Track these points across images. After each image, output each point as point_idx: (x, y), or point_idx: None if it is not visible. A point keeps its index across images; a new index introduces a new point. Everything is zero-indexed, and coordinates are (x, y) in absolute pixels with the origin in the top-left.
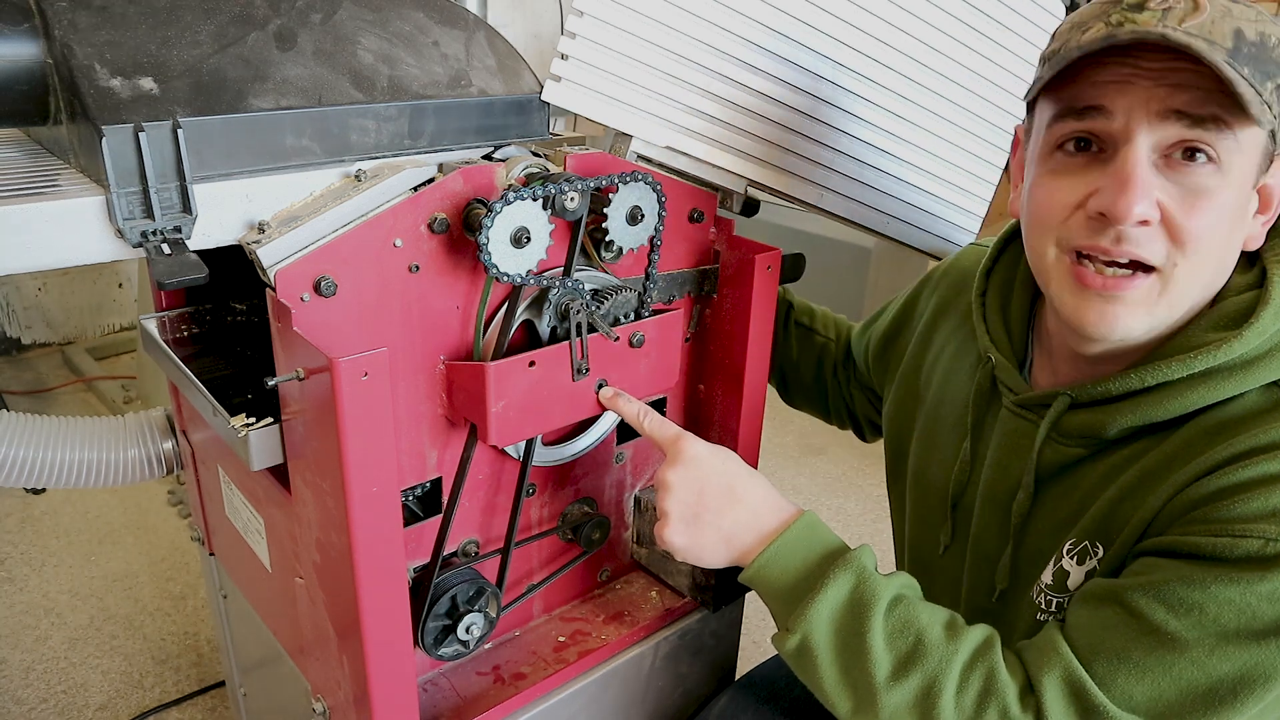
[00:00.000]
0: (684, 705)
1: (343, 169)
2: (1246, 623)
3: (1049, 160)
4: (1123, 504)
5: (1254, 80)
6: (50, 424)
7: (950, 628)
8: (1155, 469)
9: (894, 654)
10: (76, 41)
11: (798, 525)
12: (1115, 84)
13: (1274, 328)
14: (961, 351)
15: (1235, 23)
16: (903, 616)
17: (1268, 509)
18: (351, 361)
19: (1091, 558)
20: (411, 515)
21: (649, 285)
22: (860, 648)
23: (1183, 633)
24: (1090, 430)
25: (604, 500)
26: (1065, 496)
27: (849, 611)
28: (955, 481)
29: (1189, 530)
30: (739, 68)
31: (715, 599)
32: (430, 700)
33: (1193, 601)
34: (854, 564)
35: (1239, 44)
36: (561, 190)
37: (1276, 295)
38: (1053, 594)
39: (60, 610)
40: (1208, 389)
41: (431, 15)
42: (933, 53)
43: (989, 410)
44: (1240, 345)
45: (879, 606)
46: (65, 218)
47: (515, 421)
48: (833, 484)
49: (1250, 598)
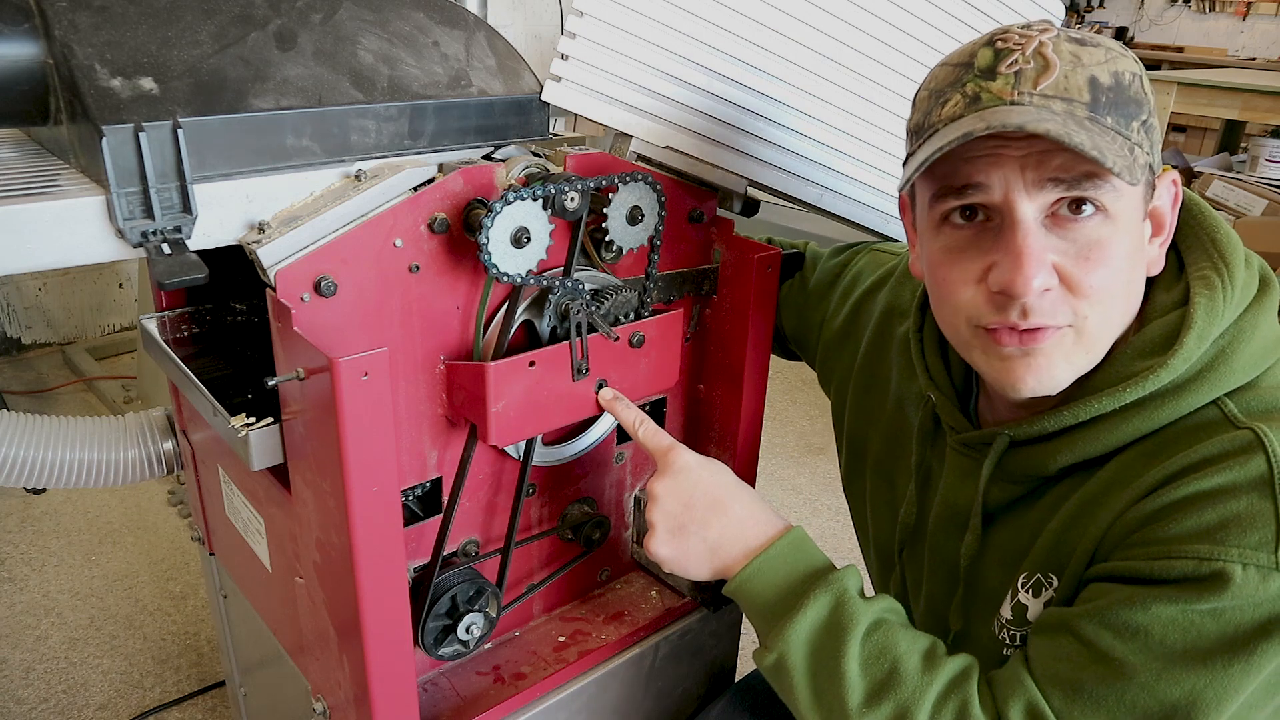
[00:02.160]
0: (683, 706)
1: (343, 169)
2: (1192, 642)
3: (940, 234)
4: (1069, 532)
5: (1119, 126)
6: (50, 424)
7: (929, 657)
8: (1096, 494)
9: (868, 680)
10: (77, 41)
11: (783, 542)
12: (986, 158)
13: (1199, 351)
14: (905, 380)
15: (1088, 71)
16: (880, 643)
17: (1200, 527)
18: (352, 361)
19: (1047, 589)
20: (411, 515)
21: (649, 285)
22: (835, 672)
23: (1129, 657)
24: (1032, 469)
25: (604, 500)
26: (1012, 533)
27: (826, 634)
28: (902, 524)
29: (1129, 554)
30: (739, 67)
31: (715, 599)
32: (430, 700)
33: (1136, 624)
34: (835, 586)
35: (1096, 94)
36: (561, 190)
37: (1199, 319)
38: (1014, 628)
39: (60, 610)
40: (1140, 419)
41: (431, 15)
42: (933, 54)
43: (934, 448)
44: (1167, 374)
45: (856, 631)
46: (65, 218)
47: (515, 421)
48: (833, 484)
49: (1192, 616)
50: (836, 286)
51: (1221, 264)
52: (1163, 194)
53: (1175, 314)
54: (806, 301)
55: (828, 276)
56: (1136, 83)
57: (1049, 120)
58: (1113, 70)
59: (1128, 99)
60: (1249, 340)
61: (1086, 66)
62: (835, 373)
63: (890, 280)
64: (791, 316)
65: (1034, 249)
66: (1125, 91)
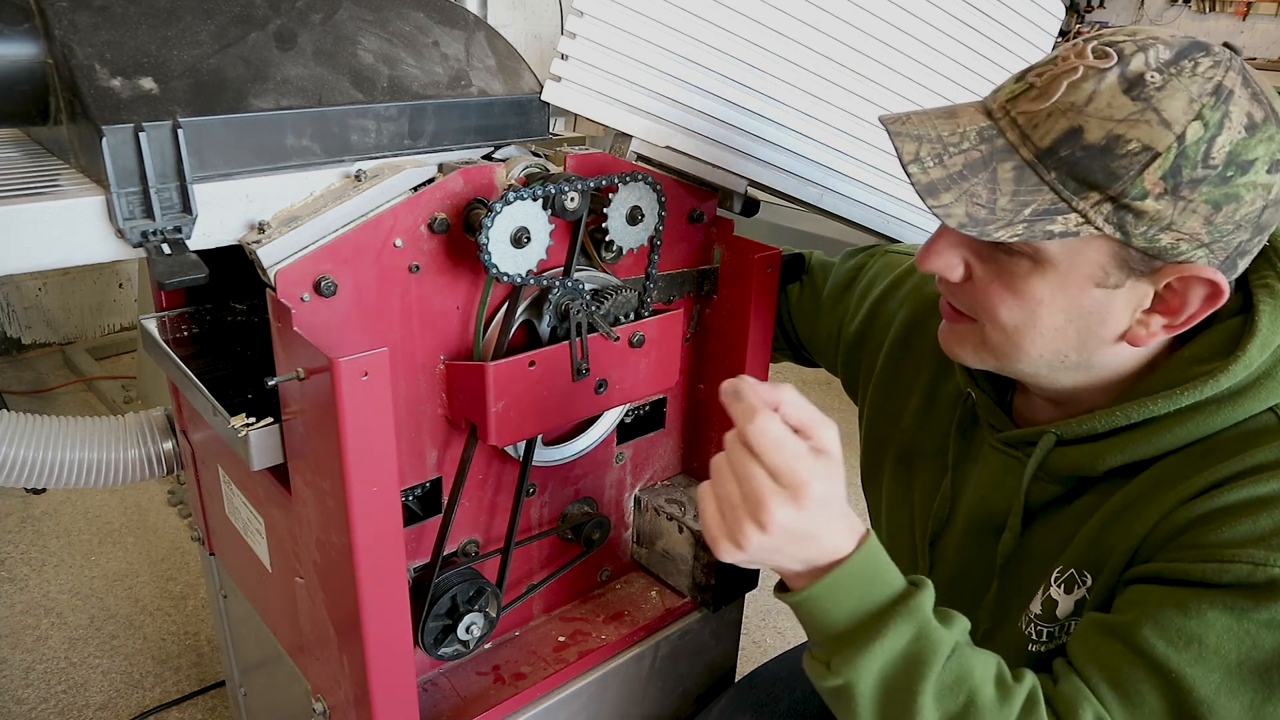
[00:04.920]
0: (684, 705)
1: (343, 169)
2: (1248, 653)
3: None
4: (1109, 530)
5: (1061, 185)
6: (50, 424)
7: (1000, 685)
8: (1141, 494)
9: (942, 713)
10: (77, 41)
11: (862, 554)
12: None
13: (1260, 359)
14: (940, 378)
15: (1080, 120)
16: (955, 672)
17: (1255, 533)
18: (352, 361)
19: (1080, 586)
20: (411, 515)
21: (649, 285)
22: (909, 705)
23: (1185, 669)
24: (1079, 469)
25: (604, 500)
26: (1051, 531)
27: (903, 666)
28: (935, 518)
29: (1177, 556)
30: (739, 67)
31: (715, 599)
32: (430, 700)
33: (1190, 633)
34: (917, 614)
35: (1060, 145)
36: (561, 190)
37: (1263, 325)
38: (1042, 624)
39: (60, 610)
40: (1195, 424)
41: (431, 15)
42: (934, 54)
43: (970, 445)
44: (1226, 379)
45: (935, 664)
46: (65, 218)
47: (515, 421)
48: None
49: (1248, 625)
50: (853, 290)
51: None
52: (1191, 289)
53: (1236, 320)
54: (820, 307)
55: (843, 280)
56: (1168, 163)
57: (923, 152)
58: (1114, 133)
59: (1102, 168)
60: None
61: (1084, 115)
62: (859, 375)
63: (910, 279)
64: (806, 325)
65: (938, 241)
66: (1112, 158)
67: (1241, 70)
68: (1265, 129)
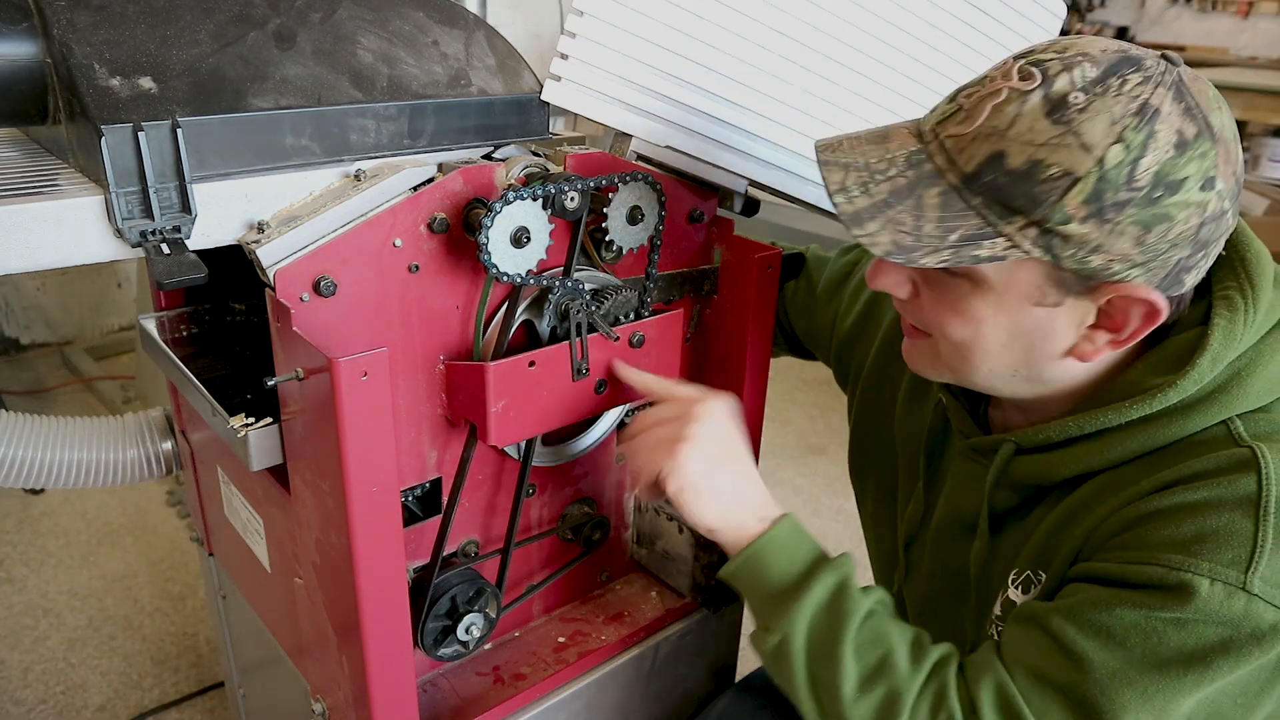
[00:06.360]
0: (684, 706)
1: (342, 169)
2: (1151, 648)
3: None
4: (1059, 532)
5: (985, 209)
6: (49, 424)
7: (916, 646)
8: (1090, 497)
9: (861, 666)
10: (75, 41)
11: (787, 522)
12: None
13: (1211, 374)
14: (922, 379)
15: (1003, 145)
16: (874, 630)
17: (1177, 537)
18: (351, 361)
19: (1034, 585)
20: (411, 515)
21: (649, 285)
22: (832, 655)
23: (1090, 653)
24: (1036, 478)
25: (604, 500)
26: (1014, 537)
27: (827, 617)
28: (909, 522)
29: (1108, 556)
30: (740, 66)
31: (715, 599)
32: (430, 701)
33: (1101, 623)
34: (839, 570)
35: (983, 170)
36: (561, 190)
37: (1215, 340)
38: (1003, 624)
39: (59, 611)
40: (1145, 436)
41: (431, 15)
42: (935, 54)
43: (943, 451)
44: (1175, 394)
45: (855, 618)
46: (64, 218)
47: (515, 421)
48: (833, 484)
49: (1154, 622)
50: (847, 284)
51: (1247, 284)
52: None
53: (1193, 332)
54: (816, 302)
55: (838, 275)
56: (1089, 187)
57: (849, 181)
58: (1035, 157)
59: (1025, 193)
60: (1267, 365)
61: (1007, 140)
62: (850, 369)
63: None
64: (801, 318)
65: (882, 261)
66: (1034, 182)
67: (1176, 84)
68: (1197, 145)
